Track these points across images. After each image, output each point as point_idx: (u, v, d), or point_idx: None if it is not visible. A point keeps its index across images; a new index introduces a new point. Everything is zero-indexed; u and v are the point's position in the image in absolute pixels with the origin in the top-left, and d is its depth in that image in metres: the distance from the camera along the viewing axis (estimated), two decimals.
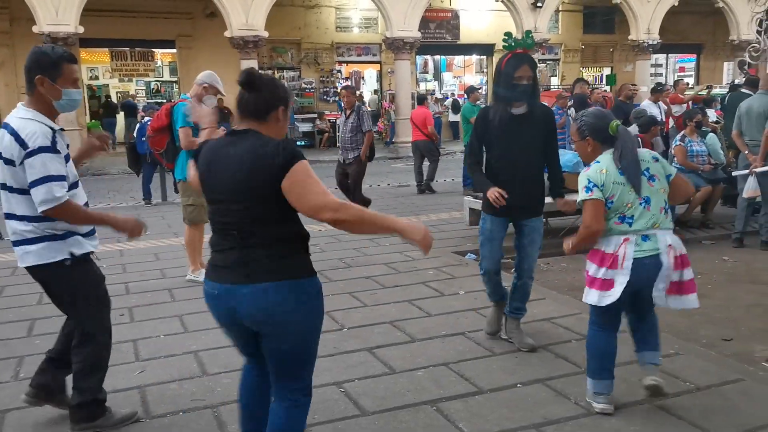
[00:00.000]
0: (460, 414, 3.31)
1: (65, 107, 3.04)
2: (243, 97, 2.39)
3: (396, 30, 17.98)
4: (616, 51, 25.24)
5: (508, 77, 3.95)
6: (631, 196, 3.16)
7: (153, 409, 3.42)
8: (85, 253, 3.07)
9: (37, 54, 2.97)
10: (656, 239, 3.16)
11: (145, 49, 20.10)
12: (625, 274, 3.14)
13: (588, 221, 3.19)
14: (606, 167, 3.19)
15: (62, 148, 2.95)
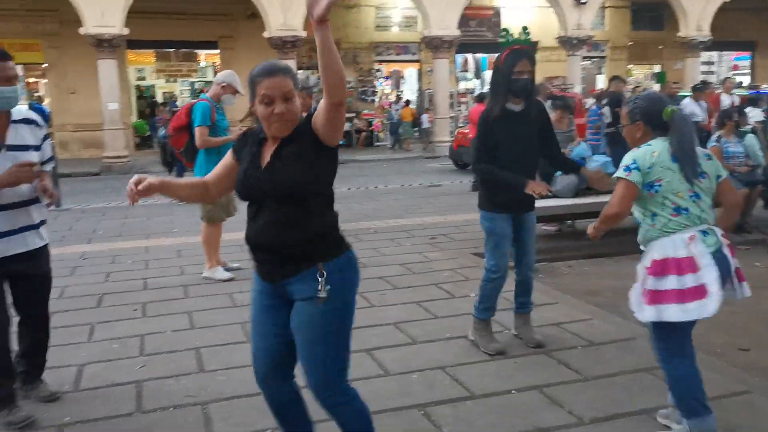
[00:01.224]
0: (447, 419, 3.25)
1: (1, 105, 3.10)
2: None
3: (434, 28, 17.90)
4: (665, 48, 24.56)
5: (507, 73, 3.88)
6: (683, 185, 2.88)
7: (145, 404, 3.47)
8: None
9: None
10: (714, 233, 2.90)
11: (189, 51, 20.53)
12: (711, 271, 2.78)
13: (615, 201, 2.93)
14: (658, 150, 2.91)
15: None
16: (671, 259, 2.84)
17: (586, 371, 3.75)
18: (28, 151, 3.23)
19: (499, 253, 4.08)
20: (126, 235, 8.22)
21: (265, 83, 2.31)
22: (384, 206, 10.08)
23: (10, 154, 3.14)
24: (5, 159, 3.11)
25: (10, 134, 3.17)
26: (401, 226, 8.28)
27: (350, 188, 12.38)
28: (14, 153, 3.16)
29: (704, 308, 2.78)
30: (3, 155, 3.12)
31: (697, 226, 2.88)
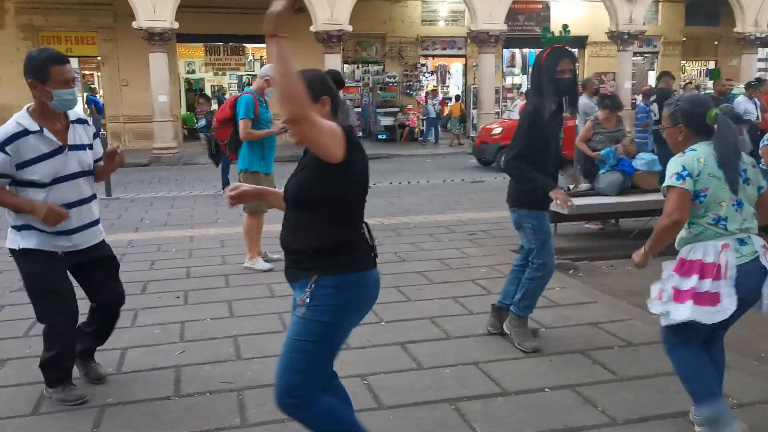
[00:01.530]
0: (477, 415, 3.25)
1: (58, 107, 3.20)
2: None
3: (481, 23, 17.75)
4: (720, 44, 23.83)
5: (550, 72, 3.86)
6: (726, 194, 2.84)
7: (183, 389, 3.57)
8: (27, 249, 3.25)
9: (27, 58, 3.18)
10: (752, 242, 2.86)
11: (237, 44, 20.81)
12: (730, 285, 2.78)
13: (671, 209, 2.83)
14: (704, 157, 2.84)
15: (26, 149, 3.12)
16: (697, 262, 2.86)
17: (622, 372, 3.70)
18: (85, 150, 3.35)
19: (547, 250, 4.05)
20: (171, 225, 8.43)
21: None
22: (424, 201, 10.08)
23: (72, 153, 3.26)
24: (70, 158, 3.25)
25: (71, 134, 3.28)
26: (441, 221, 8.28)
27: (392, 183, 12.40)
28: (75, 152, 3.28)
29: (712, 316, 2.80)
30: (66, 155, 3.24)
31: (733, 235, 2.84)
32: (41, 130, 3.15)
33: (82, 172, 3.32)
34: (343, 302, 2.35)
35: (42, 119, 3.18)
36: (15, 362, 3.96)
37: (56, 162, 3.20)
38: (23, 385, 3.64)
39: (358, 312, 2.47)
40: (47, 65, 3.11)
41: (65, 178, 3.23)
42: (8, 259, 6.61)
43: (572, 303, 4.90)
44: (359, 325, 4.55)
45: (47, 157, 3.17)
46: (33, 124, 3.15)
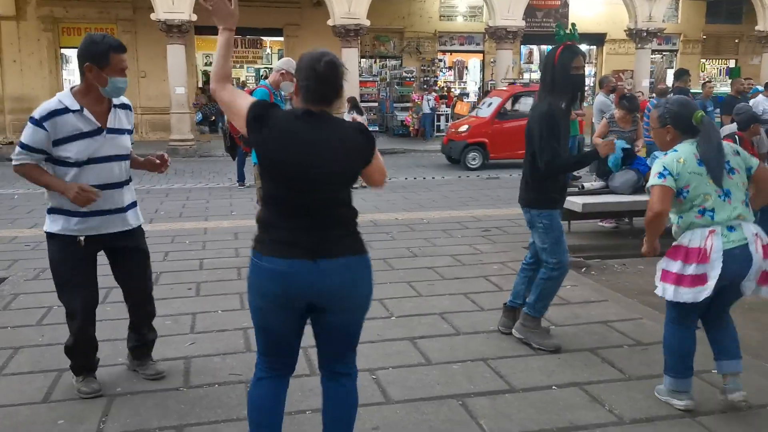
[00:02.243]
0: (485, 411, 3.25)
1: (111, 93, 3.25)
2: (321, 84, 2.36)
3: (499, 18, 17.66)
4: (741, 42, 23.52)
5: (566, 69, 3.84)
6: (710, 187, 3.10)
7: (192, 380, 3.60)
8: (52, 233, 3.28)
9: (88, 42, 3.19)
10: (742, 229, 3.09)
11: (255, 37, 20.90)
12: (716, 267, 3.03)
13: (652, 203, 3.13)
14: (684, 157, 3.12)
15: (63, 126, 3.14)
16: (683, 247, 3.15)
17: (631, 371, 3.68)
18: (123, 135, 3.37)
19: (561, 248, 4.01)
20: (186, 217, 8.49)
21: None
22: (439, 197, 10.06)
23: (110, 136, 3.28)
24: (106, 141, 3.27)
25: (111, 118, 3.31)
26: (455, 217, 8.26)
27: (407, 178, 12.40)
28: (113, 135, 3.31)
29: (697, 295, 3.08)
30: (104, 137, 3.26)
31: (722, 224, 3.09)
32: (81, 110, 3.18)
33: (117, 156, 3.33)
34: (249, 274, 2.45)
35: (84, 100, 3.22)
36: (28, 350, 4.01)
37: (93, 142, 3.21)
38: (35, 372, 3.69)
39: (261, 296, 2.42)
40: (108, 52, 3.15)
41: (99, 159, 3.24)
42: (24, 248, 6.72)
43: (583, 301, 4.87)
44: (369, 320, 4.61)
45: (84, 137, 3.19)
46: (74, 104, 3.18)
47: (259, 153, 2.39)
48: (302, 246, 2.34)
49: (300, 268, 2.33)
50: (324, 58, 2.35)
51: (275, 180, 2.39)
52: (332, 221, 2.41)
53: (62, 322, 4.42)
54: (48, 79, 18.77)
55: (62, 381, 3.58)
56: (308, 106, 2.38)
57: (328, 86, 2.36)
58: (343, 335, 2.54)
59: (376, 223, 7.63)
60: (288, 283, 2.34)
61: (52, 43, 18.82)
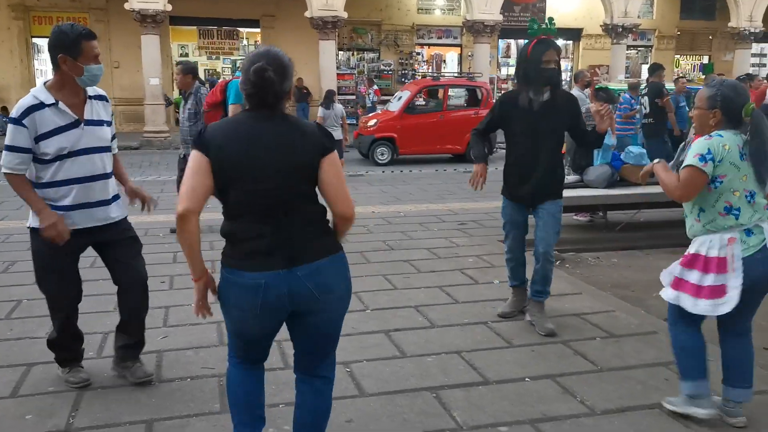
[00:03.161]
0: (459, 403, 3.26)
1: (87, 82, 3.19)
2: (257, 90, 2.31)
3: (477, 12, 17.70)
4: (715, 39, 23.83)
5: (535, 63, 3.89)
6: (741, 184, 2.90)
7: (164, 374, 3.57)
8: (35, 227, 3.20)
9: (57, 33, 3.12)
10: (761, 230, 2.92)
11: (231, 28, 20.66)
12: (737, 276, 2.86)
13: (684, 184, 2.92)
14: (729, 144, 2.89)
15: (42, 121, 3.08)
16: (702, 257, 2.96)
17: (603, 363, 3.72)
18: (102, 126, 3.30)
19: (506, 234, 4.34)
20: (160, 209, 8.33)
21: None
22: (416, 190, 10.07)
23: (88, 128, 3.21)
24: (84, 133, 3.19)
25: (87, 109, 3.24)
26: (432, 210, 8.28)
27: (384, 171, 12.39)
28: (92, 127, 3.23)
29: (717, 308, 2.90)
30: (82, 129, 3.19)
31: (742, 227, 2.91)
32: (56, 103, 3.12)
33: (98, 147, 3.26)
34: (220, 289, 2.42)
35: (59, 94, 3.15)
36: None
37: (71, 136, 3.15)
38: (3, 367, 3.62)
39: (236, 308, 2.37)
40: (80, 40, 3.09)
41: (79, 152, 3.18)
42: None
43: (557, 294, 4.90)
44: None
45: (62, 131, 3.12)
46: (49, 98, 3.12)
47: (216, 169, 2.27)
48: (276, 255, 2.29)
49: (274, 279, 2.28)
50: (255, 64, 2.27)
51: (238, 189, 2.29)
52: (302, 223, 2.35)
53: (32, 316, 4.38)
54: (19, 69, 18.41)
55: (31, 375, 3.52)
56: (253, 110, 2.35)
57: (264, 92, 2.29)
58: (325, 335, 2.50)
59: None
60: (265, 296, 2.30)
61: (23, 32, 18.45)
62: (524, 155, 4.06)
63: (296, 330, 2.49)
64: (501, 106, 4.17)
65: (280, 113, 2.36)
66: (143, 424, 3.05)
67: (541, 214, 4.13)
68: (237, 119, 2.39)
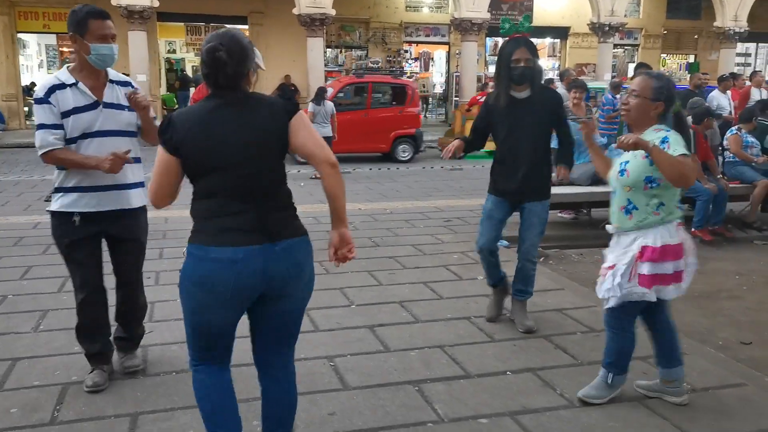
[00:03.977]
0: (440, 396, 3.31)
1: (97, 63, 3.18)
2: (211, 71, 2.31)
3: (464, 10, 17.75)
4: (701, 38, 24.01)
5: (506, 61, 3.95)
6: None
7: (150, 369, 3.59)
8: (53, 211, 3.26)
9: (69, 14, 3.16)
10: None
11: (219, 25, 20.55)
12: (694, 256, 3.09)
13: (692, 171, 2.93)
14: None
15: (64, 100, 3.13)
16: (669, 246, 3.02)
17: (583, 357, 3.79)
18: (123, 111, 3.30)
19: (481, 229, 4.25)
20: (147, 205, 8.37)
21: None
22: (402, 187, 10.12)
23: (107, 110, 3.23)
24: (103, 115, 3.21)
25: (107, 92, 3.25)
26: (417, 207, 8.33)
27: (371, 168, 12.43)
28: (110, 110, 3.25)
29: (675, 291, 3.09)
30: (100, 111, 3.21)
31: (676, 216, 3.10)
32: (76, 83, 3.16)
33: (118, 131, 3.26)
34: (184, 270, 2.37)
35: (80, 76, 3.19)
36: None
37: (89, 117, 3.17)
38: None
39: (206, 291, 2.32)
40: (87, 19, 3.10)
41: (96, 134, 3.19)
42: None
43: (540, 290, 4.95)
44: (329, 308, 4.63)
45: (81, 111, 3.16)
46: (70, 78, 3.17)
47: (183, 154, 2.31)
48: (255, 231, 2.31)
49: (251, 254, 2.28)
50: (209, 44, 2.30)
51: (207, 172, 2.32)
52: (277, 203, 2.39)
53: (17, 311, 4.40)
54: (5, 64, 18.24)
55: (16, 370, 3.54)
56: (213, 91, 2.35)
57: (218, 73, 2.30)
58: (288, 322, 2.49)
59: None
60: (240, 271, 2.28)
61: (9, 28, 18.28)
62: (506, 152, 4.09)
63: (261, 318, 2.47)
64: (484, 107, 4.19)
65: (241, 94, 2.35)
66: (128, 417, 3.08)
67: (527, 215, 4.14)
68: (198, 106, 2.38)
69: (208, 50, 2.29)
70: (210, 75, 2.32)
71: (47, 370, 3.52)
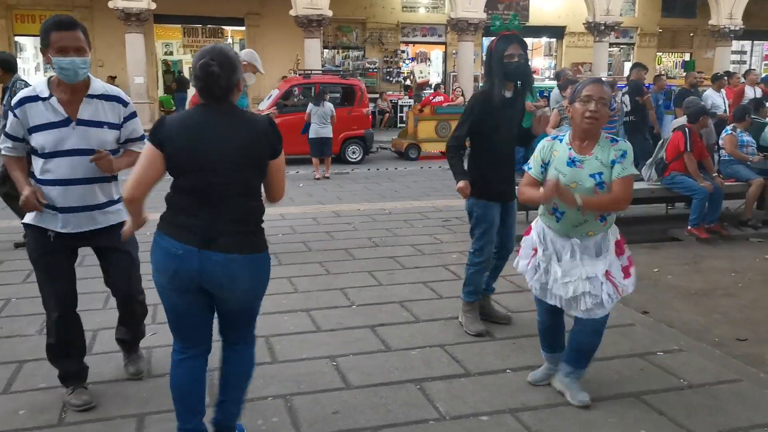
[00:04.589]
0: (441, 394, 3.36)
1: (62, 76, 2.99)
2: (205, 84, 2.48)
3: (461, 11, 17.83)
4: (696, 36, 24.13)
5: (499, 58, 3.97)
6: None
7: (153, 369, 3.64)
8: (27, 223, 3.15)
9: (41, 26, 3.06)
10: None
11: (216, 27, 20.64)
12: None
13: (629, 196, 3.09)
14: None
15: (34, 115, 3.00)
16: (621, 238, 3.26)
17: None
18: (101, 128, 3.10)
19: (487, 239, 4.15)
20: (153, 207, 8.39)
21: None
22: (401, 187, 10.17)
23: (80, 128, 3.04)
24: (74, 133, 3.03)
25: (84, 108, 3.06)
26: (416, 207, 8.38)
27: (369, 169, 12.48)
28: (85, 128, 3.06)
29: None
30: (72, 129, 3.03)
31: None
32: (49, 98, 3.02)
33: (89, 150, 3.04)
34: (151, 252, 2.59)
35: (58, 89, 3.05)
36: None
37: (59, 134, 3.01)
38: None
39: (159, 273, 2.57)
40: (49, 31, 2.96)
41: (65, 152, 3.02)
42: None
43: None
44: (330, 308, 4.67)
45: (50, 127, 3.01)
46: (45, 91, 3.03)
47: (166, 150, 2.49)
48: (194, 233, 2.49)
49: (189, 253, 2.49)
50: (201, 60, 2.47)
51: (186, 171, 2.50)
52: (234, 215, 2.53)
53: (21, 314, 4.43)
54: None
55: (22, 372, 3.58)
56: (205, 101, 2.53)
57: (213, 86, 2.47)
58: (238, 317, 2.71)
59: (338, 214, 7.68)
60: (178, 266, 2.51)
61: (6, 31, 18.32)
62: (494, 152, 4.08)
63: (215, 305, 2.67)
64: (480, 105, 4.09)
65: (228, 105, 2.54)
66: (134, 418, 3.13)
67: (506, 215, 4.21)
68: (190, 112, 2.63)
69: (202, 66, 2.46)
70: (204, 88, 2.51)
71: (53, 373, 3.52)
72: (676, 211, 7.98)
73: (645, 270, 5.82)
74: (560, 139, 3.19)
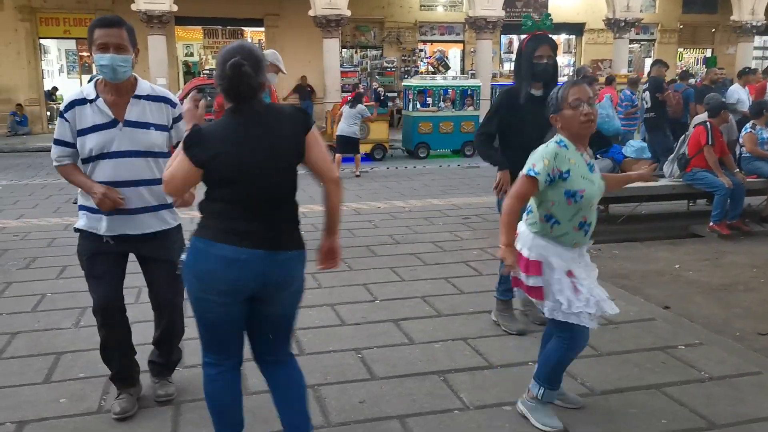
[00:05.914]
0: (465, 385, 3.45)
1: (100, 72, 2.97)
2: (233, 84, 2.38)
3: (479, 9, 17.83)
4: (717, 32, 23.88)
5: (528, 58, 4.02)
6: None
7: (187, 360, 3.72)
8: (78, 228, 3.14)
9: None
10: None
11: (235, 28, 20.84)
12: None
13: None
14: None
15: (83, 117, 2.98)
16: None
17: (603, 347, 3.90)
18: (147, 130, 3.04)
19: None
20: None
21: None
22: (420, 186, 10.25)
23: (127, 129, 3.00)
24: (121, 134, 3.00)
25: (131, 109, 3.03)
26: (435, 205, 8.46)
27: (389, 167, 12.57)
28: (132, 129, 3.01)
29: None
30: (119, 130, 3.00)
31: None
32: (96, 99, 2.98)
33: (137, 152, 3.01)
34: (187, 262, 2.44)
35: (104, 90, 3.01)
36: (25, 335, 4.13)
37: (106, 136, 2.97)
38: (34, 356, 3.82)
39: (199, 280, 2.41)
40: (93, 29, 2.93)
41: (112, 155, 2.99)
42: (13, 238, 6.79)
43: None
44: (354, 303, 4.77)
45: (98, 129, 2.97)
46: (92, 93, 3.00)
47: (209, 169, 2.39)
48: (259, 237, 2.41)
49: (255, 257, 2.39)
50: (231, 59, 2.35)
51: (230, 184, 2.40)
52: (287, 215, 2.51)
53: (56, 308, 4.59)
54: (27, 70, 18.62)
55: (61, 363, 3.72)
56: (232, 103, 2.43)
57: (242, 86, 2.37)
58: (278, 325, 2.61)
59: (358, 211, 7.77)
60: (240, 271, 2.38)
61: (30, 34, 18.66)
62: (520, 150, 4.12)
63: (255, 319, 2.56)
64: (507, 102, 4.13)
65: (261, 106, 2.46)
66: (170, 405, 3.25)
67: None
68: (228, 123, 2.44)
69: (234, 65, 2.33)
70: (234, 88, 2.38)
71: (90, 363, 3.68)
72: (698, 208, 7.98)
73: (666, 266, 5.86)
74: (566, 146, 3.01)
